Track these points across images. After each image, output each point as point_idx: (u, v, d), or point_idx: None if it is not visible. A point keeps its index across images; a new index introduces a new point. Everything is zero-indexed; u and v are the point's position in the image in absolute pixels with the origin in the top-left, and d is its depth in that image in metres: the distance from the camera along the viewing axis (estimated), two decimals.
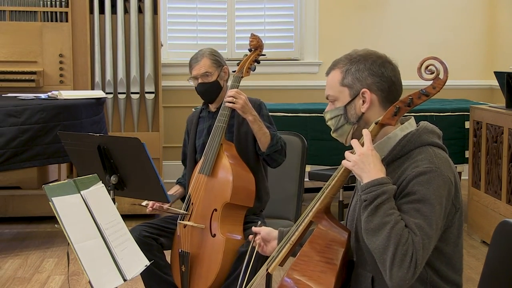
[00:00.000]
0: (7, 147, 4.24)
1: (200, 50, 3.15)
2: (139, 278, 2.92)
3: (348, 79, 1.92)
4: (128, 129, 5.48)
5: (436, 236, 1.79)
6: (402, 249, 1.71)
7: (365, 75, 1.90)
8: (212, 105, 3.16)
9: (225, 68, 3.13)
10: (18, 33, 5.25)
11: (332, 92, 1.96)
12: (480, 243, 4.65)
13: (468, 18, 6.54)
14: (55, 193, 2.01)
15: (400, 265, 1.71)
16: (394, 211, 1.76)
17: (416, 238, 1.73)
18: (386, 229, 1.73)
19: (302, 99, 6.11)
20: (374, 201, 1.76)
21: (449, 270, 1.90)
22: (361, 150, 1.81)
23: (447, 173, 1.81)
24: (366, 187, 1.78)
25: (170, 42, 6.35)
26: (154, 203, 2.96)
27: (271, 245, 2.19)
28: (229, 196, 2.89)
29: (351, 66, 1.92)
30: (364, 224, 1.78)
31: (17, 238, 4.85)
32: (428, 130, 1.92)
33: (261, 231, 2.22)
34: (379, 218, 1.75)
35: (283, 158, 3.04)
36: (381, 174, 1.78)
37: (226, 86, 3.14)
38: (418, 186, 1.78)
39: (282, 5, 6.51)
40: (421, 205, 1.77)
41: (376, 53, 1.95)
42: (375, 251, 1.76)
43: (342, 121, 1.94)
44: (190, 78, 3.12)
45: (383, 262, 1.74)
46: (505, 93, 4.42)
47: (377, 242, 1.75)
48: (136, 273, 2.09)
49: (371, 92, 1.89)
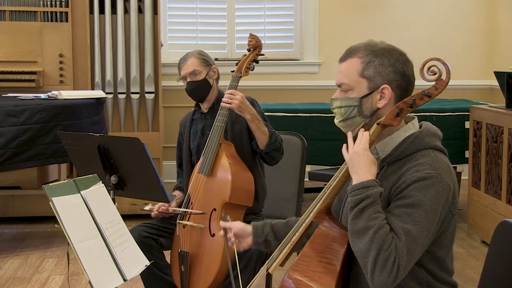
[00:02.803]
0: (7, 147, 4.24)
1: (187, 52, 3.20)
2: (139, 278, 2.92)
3: (369, 71, 1.87)
4: (128, 129, 5.48)
5: (424, 242, 1.78)
6: (384, 254, 1.70)
7: (389, 70, 1.86)
8: (203, 105, 3.17)
9: (213, 67, 3.15)
10: (18, 33, 5.24)
11: (348, 81, 1.90)
12: (480, 243, 4.65)
13: (468, 18, 6.54)
14: (55, 193, 2.01)
15: (382, 270, 1.70)
16: (379, 215, 1.74)
17: (400, 243, 1.72)
18: (369, 233, 1.72)
19: (302, 99, 6.11)
20: (359, 204, 1.75)
21: (442, 272, 1.90)
22: (355, 148, 1.80)
23: (447, 180, 1.80)
24: (353, 189, 1.77)
25: (170, 42, 6.35)
26: (158, 206, 2.97)
27: (246, 241, 2.16)
28: (228, 195, 2.89)
29: (375, 58, 1.87)
30: (349, 226, 1.78)
31: (17, 238, 4.85)
32: (431, 132, 1.90)
33: (233, 227, 2.17)
34: (363, 222, 1.74)
35: (281, 156, 3.04)
36: (369, 176, 1.77)
37: (216, 85, 3.16)
38: (415, 191, 1.76)
39: (282, 5, 6.51)
40: (414, 210, 1.75)
41: (398, 49, 1.91)
42: (357, 254, 1.76)
43: (355, 112, 1.89)
44: (180, 79, 3.15)
45: (365, 265, 1.74)
46: (505, 93, 4.42)
47: (360, 245, 1.74)
48: (136, 273, 2.09)
49: (391, 89, 1.86)
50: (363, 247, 1.73)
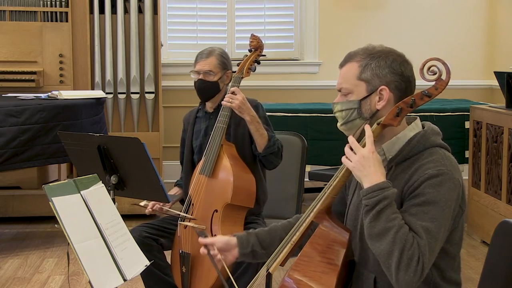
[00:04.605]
0: (7, 147, 4.24)
1: (211, 47, 3.13)
2: (139, 278, 2.92)
3: (366, 73, 1.89)
4: (128, 129, 5.48)
5: (442, 238, 1.79)
6: (408, 254, 1.71)
7: (386, 72, 1.87)
8: (209, 104, 3.16)
9: (228, 72, 3.12)
10: (18, 33, 5.24)
11: (346, 85, 1.92)
12: (480, 243, 4.65)
13: (468, 18, 6.54)
14: (55, 193, 2.01)
15: (406, 269, 1.71)
16: (396, 216, 1.75)
17: (422, 241, 1.73)
18: (390, 234, 1.73)
19: (302, 99, 6.11)
20: (376, 207, 1.75)
21: (452, 270, 1.91)
22: (362, 152, 1.79)
23: (457, 176, 1.82)
24: (367, 192, 1.77)
25: (170, 42, 6.34)
26: (153, 203, 2.95)
27: (232, 254, 2.09)
28: (229, 196, 2.89)
29: (371, 61, 1.89)
30: (367, 230, 1.78)
31: (17, 238, 4.85)
32: (435, 131, 1.92)
33: (215, 243, 2.08)
34: (382, 224, 1.74)
35: (279, 161, 3.03)
36: (381, 178, 1.77)
37: (225, 89, 3.14)
38: (429, 188, 1.77)
39: (282, 5, 6.51)
40: (430, 207, 1.76)
41: (396, 51, 1.92)
42: (379, 256, 1.76)
43: (355, 115, 1.90)
44: (192, 71, 3.11)
45: (389, 267, 1.74)
46: (505, 93, 4.42)
47: (381, 247, 1.74)
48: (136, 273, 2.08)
49: (389, 90, 1.88)
50: (384, 248, 1.73)
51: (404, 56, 1.92)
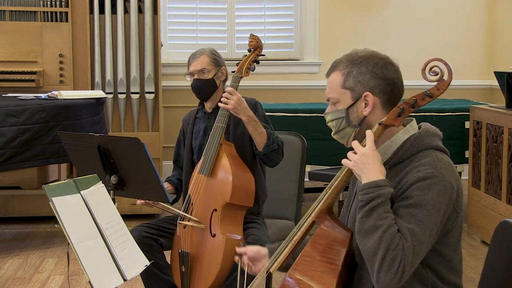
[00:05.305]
0: (7, 147, 4.24)
1: (200, 48, 3.16)
2: (139, 278, 2.92)
3: (349, 81, 1.90)
4: (128, 129, 5.48)
5: (429, 242, 1.78)
6: (392, 254, 1.71)
7: (368, 78, 1.88)
8: (208, 104, 3.16)
9: (222, 68, 3.13)
10: (18, 33, 5.24)
11: (333, 95, 1.94)
12: (480, 243, 4.65)
13: (468, 18, 6.54)
14: (55, 193, 2.01)
15: (388, 270, 1.71)
16: (388, 215, 1.75)
17: (407, 244, 1.72)
18: (378, 232, 1.73)
19: (302, 99, 6.11)
20: (369, 203, 1.75)
21: (449, 272, 1.90)
22: (362, 150, 1.80)
23: (449, 179, 1.80)
24: (363, 188, 1.77)
25: (170, 42, 6.35)
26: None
27: (261, 263, 2.11)
28: (229, 196, 2.89)
29: (353, 68, 1.89)
30: (357, 225, 1.78)
31: (17, 238, 4.85)
32: (430, 133, 1.90)
33: (248, 252, 2.13)
34: (373, 221, 1.74)
35: (280, 157, 3.03)
36: (380, 175, 1.78)
37: (222, 86, 3.14)
38: (417, 191, 1.77)
39: (282, 5, 6.51)
40: (417, 210, 1.76)
41: (378, 54, 1.92)
42: (365, 253, 1.76)
43: (344, 123, 1.92)
44: (187, 74, 3.13)
45: (372, 265, 1.74)
46: (505, 93, 4.42)
47: (368, 244, 1.75)
48: (136, 273, 2.09)
49: (373, 95, 1.88)
50: (371, 246, 1.74)
51: (387, 58, 1.92)
